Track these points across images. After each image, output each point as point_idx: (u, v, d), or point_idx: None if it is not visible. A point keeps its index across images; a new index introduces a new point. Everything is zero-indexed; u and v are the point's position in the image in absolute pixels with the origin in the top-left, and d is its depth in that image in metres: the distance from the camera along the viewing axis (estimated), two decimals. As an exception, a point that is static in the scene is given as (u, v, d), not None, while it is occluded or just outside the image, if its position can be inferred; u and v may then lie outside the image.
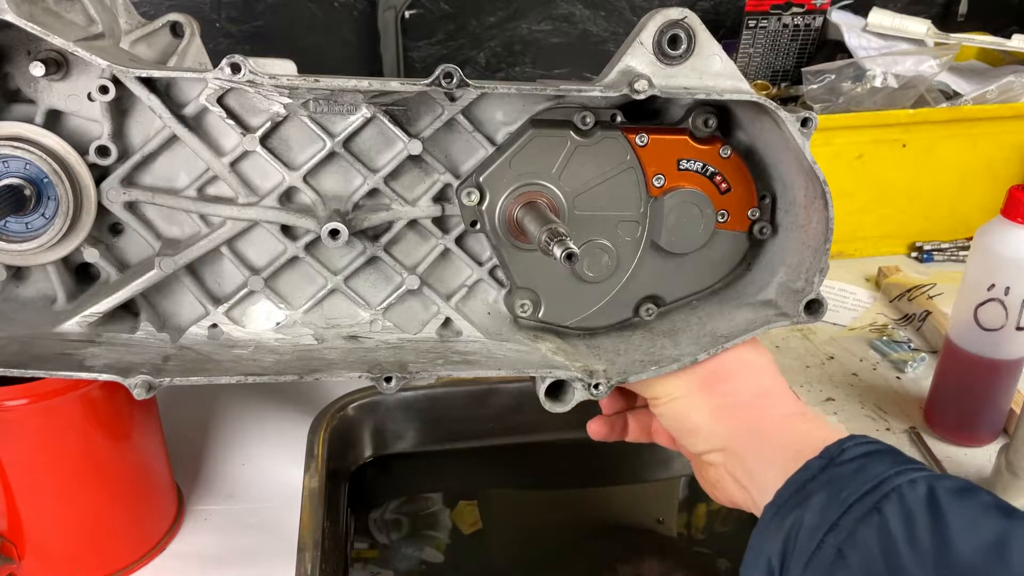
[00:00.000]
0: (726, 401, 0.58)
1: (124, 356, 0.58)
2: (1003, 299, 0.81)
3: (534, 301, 0.64)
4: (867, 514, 0.45)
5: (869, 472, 0.48)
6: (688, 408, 0.59)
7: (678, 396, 0.60)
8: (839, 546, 0.45)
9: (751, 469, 0.55)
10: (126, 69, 0.54)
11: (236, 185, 0.59)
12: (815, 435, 0.53)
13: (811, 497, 0.48)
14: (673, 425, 0.61)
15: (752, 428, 0.56)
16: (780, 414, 0.57)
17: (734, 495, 0.57)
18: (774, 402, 0.58)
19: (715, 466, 0.58)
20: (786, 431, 0.55)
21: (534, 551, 0.93)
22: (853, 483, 0.47)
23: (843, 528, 0.46)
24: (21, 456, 0.66)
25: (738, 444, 0.56)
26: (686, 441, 0.60)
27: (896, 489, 0.46)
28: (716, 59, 0.57)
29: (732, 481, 0.57)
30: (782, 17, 1.35)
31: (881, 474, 0.47)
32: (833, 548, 0.45)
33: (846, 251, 1.27)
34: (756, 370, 0.60)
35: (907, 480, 0.46)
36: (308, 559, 0.74)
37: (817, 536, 0.46)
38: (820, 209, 0.59)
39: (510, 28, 1.36)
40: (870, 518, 0.45)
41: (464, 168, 0.61)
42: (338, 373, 0.58)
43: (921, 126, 1.19)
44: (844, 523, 0.46)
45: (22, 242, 0.57)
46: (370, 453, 0.99)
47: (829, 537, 0.46)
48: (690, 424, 0.59)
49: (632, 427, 0.68)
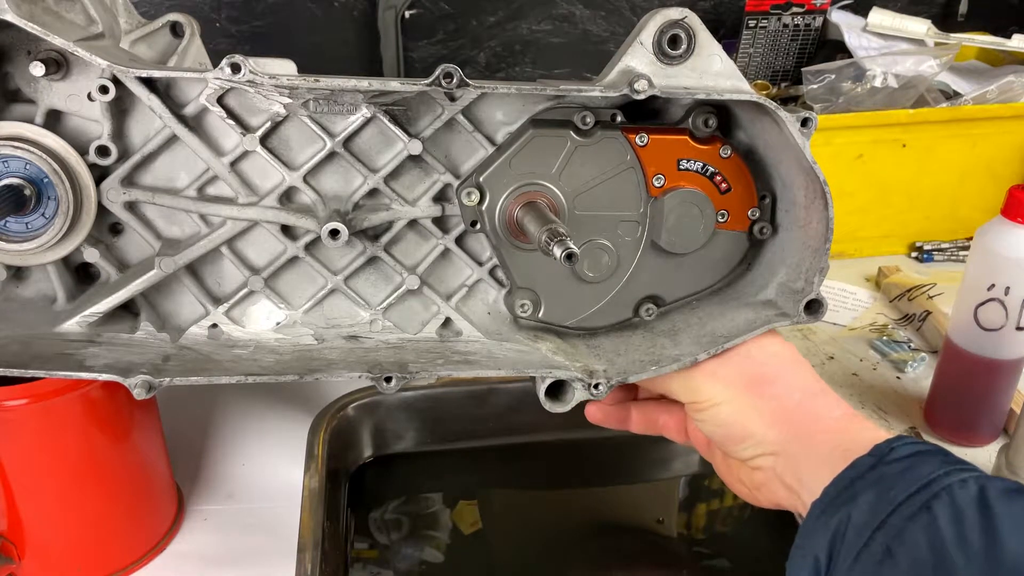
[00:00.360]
0: (776, 405, 0.56)
1: (124, 356, 0.58)
2: (1003, 299, 0.81)
3: (534, 301, 0.64)
4: (917, 513, 0.45)
5: (919, 471, 0.47)
6: (736, 415, 0.57)
7: (722, 401, 0.57)
8: (888, 544, 0.45)
9: (800, 472, 0.54)
10: (126, 69, 0.54)
11: (236, 185, 0.59)
12: (865, 436, 0.52)
13: (860, 495, 0.48)
14: (718, 432, 0.58)
15: (805, 432, 0.55)
16: (831, 416, 0.56)
17: (780, 498, 0.56)
18: (824, 403, 0.57)
19: (763, 470, 0.56)
20: (838, 433, 0.54)
21: (534, 551, 0.93)
22: (902, 481, 0.47)
23: (892, 526, 0.45)
24: (21, 456, 0.66)
25: (791, 448, 0.55)
26: (733, 447, 0.57)
27: (946, 489, 0.45)
28: (716, 59, 0.57)
29: (780, 484, 0.55)
30: (782, 17, 1.35)
31: (931, 473, 0.47)
32: (881, 546, 0.45)
33: (846, 251, 1.27)
34: (796, 368, 0.58)
35: (958, 480, 0.46)
36: (308, 559, 0.74)
37: (865, 533, 0.46)
38: (820, 209, 0.59)
39: (510, 28, 1.36)
40: (920, 517, 0.45)
41: (464, 168, 0.61)
42: (338, 373, 0.58)
43: (921, 126, 1.19)
44: (893, 521, 0.45)
45: (22, 242, 0.57)
46: (370, 453, 0.99)
47: (878, 535, 0.45)
48: (740, 431, 0.56)
49: (636, 419, 0.67)
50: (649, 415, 0.67)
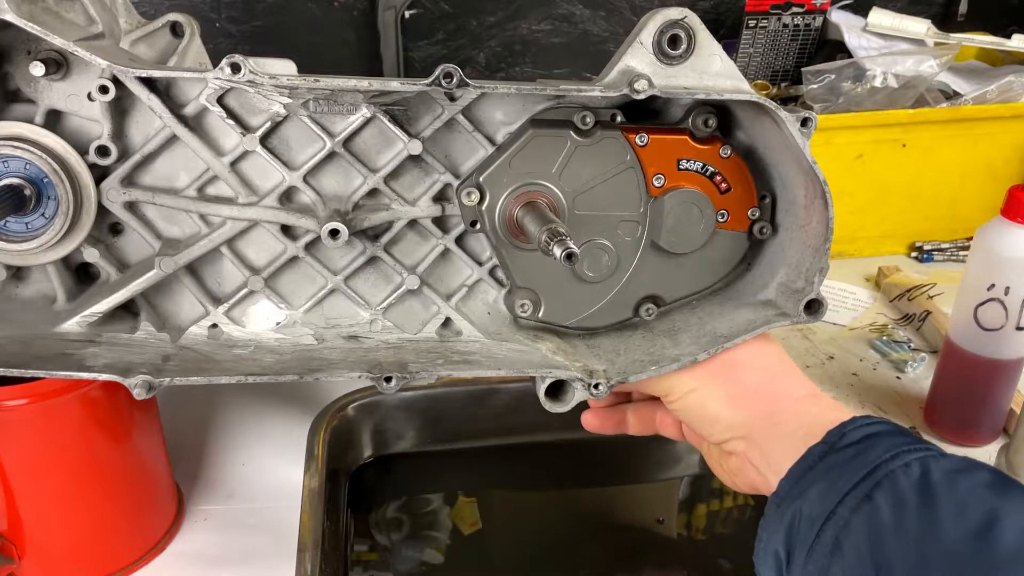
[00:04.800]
0: (741, 388, 0.58)
1: (124, 356, 0.58)
2: (1003, 299, 0.81)
3: (534, 301, 0.64)
4: (860, 503, 0.45)
5: (866, 457, 0.47)
6: (704, 399, 0.59)
7: (691, 389, 0.59)
8: (837, 535, 0.45)
9: (767, 454, 0.54)
10: (126, 69, 0.54)
11: (236, 185, 0.59)
12: (825, 417, 0.52)
13: (810, 487, 0.48)
14: (691, 417, 0.60)
15: (767, 412, 0.56)
16: (793, 396, 0.56)
17: (755, 481, 0.56)
18: (787, 384, 0.58)
19: (736, 454, 0.57)
20: (799, 413, 0.55)
21: (534, 551, 0.93)
22: (849, 470, 0.47)
23: (840, 517, 0.45)
24: (21, 456, 0.66)
25: (756, 431, 0.56)
26: (706, 431, 0.59)
27: (889, 475, 0.45)
28: (716, 59, 0.57)
29: (751, 467, 0.56)
30: (782, 17, 1.35)
31: (877, 459, 0.46)
32: (831, 538, 0.45)
33: (846, 251, 1.27)
34: (765, 355, 0.60)
35: (901, 464, 0.46)
36: (308, 559, 0.74)
37: (815, 527, 0.46)
38: (820, 209, 0.59)
39: (510, 28, 1.36)
40: (863, 507, 0.45)
41: (464, 168, 0.61)
42: (338, 373, 0.58)
43: (921, 126, 1.19)
44: (841, 512, 0.45)
45: (22, 242, 0.57)
46: (370, 453, 0.99)
47: (828, 526, 0.46)
48: (708, 414, 0.59)
49: (632, 421, 0.68)
50: (645, 415, 0.68)
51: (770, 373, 0.59)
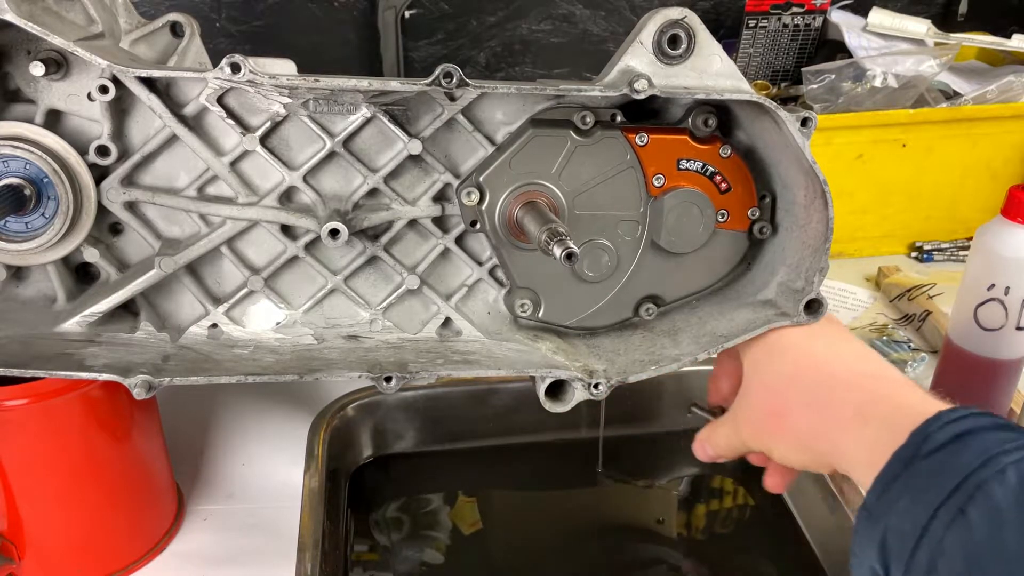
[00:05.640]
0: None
1: (124, 356, 0.58)
2: (1003, 299, 0.81)
3: (534, 301, 0.64)
4: (953, 520, 0.41)
5: (955, 463, 0.42)
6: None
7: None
8: (931, 555, 0.41)
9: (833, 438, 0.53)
10: (126, 69, 0.54)
11: (236, 185, 0.59)
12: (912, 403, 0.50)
13: (898, 501, 0.44)
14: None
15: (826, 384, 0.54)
16: (854, 371, 0.55)
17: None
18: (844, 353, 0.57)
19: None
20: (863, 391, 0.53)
21: (534, 551, 0.93)
22: (938, 481, 0.42)
23: (933, 536, 0.41)
24: (21, 456, 0.66)
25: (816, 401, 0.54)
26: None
27: (982, 486, 0.40)
28: (716, 59, 0.57)
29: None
30: (782, 17, 1.35)
31: (968, 466, 0.41)
32: (926, 559, 0.41)
33: (846, 251, 1.27)
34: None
35: (996, 471, 0.41)
36: (308, 559, 0.74)
37: (909, 544, 0.42)
38: (820, 209, 0.59)
39: (510, 28, 1.36)
40: (956, 524, 0.40)
41: (464, 168, 0.61)
42: (338, 373, 0.58)
43: (921, 126, 1.19)
44: (934, 529, 0.41)
45: (22, 242, 0.57)
46: (370, 453, 0.99)
47: (922, 544, 0.42)
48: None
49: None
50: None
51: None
